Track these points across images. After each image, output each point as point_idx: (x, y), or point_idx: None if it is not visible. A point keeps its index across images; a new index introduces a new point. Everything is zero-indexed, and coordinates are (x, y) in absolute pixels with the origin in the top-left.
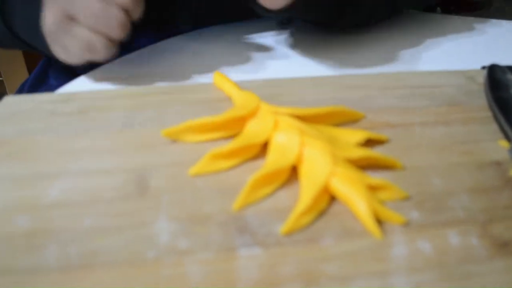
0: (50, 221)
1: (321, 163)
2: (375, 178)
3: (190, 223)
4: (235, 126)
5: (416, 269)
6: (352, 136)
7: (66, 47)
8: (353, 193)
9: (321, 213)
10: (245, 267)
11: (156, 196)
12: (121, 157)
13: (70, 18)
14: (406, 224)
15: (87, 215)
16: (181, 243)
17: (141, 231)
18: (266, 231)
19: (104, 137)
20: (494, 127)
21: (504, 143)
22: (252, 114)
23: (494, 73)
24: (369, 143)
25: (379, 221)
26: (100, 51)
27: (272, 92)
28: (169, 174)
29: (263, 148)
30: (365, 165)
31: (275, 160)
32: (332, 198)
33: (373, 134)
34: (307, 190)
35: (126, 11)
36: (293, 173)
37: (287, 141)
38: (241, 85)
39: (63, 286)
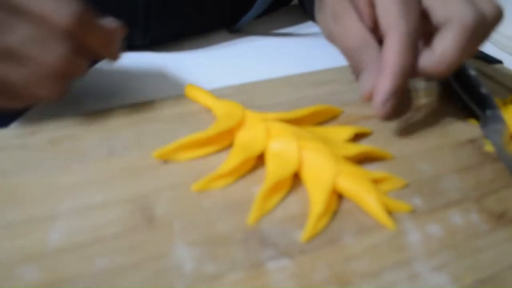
0: (59, 268)
1: (324, 165)
2: (376, 171)
3: (210, 246)
4: (224, 139)
5: (433, 253)
6: (341, 133)
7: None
8: (360, 189)
9: (333, 214)
10: (278, 281)
11: (166, 223)
12: (116, 187)
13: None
14: (412, 211)
15: (98, 256)
16: (207, 268)
17: (162, 262)
18: (287, 241)
19: (89, 168)
20: (456, 107)
21: (473, 121)
22: (240, 124)
23: None
24: (355, 137)
25: (388, 212)
26: (49, 88)
27: (244, 98)
28: (172, 198)
29: (258, 157)
30: (359, 160)
31: (277, 168)
32: (339, 197)
33: (359, 128)
34: (317, 193)
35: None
36: (295, 177)
37: (285, 147)
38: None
39: None
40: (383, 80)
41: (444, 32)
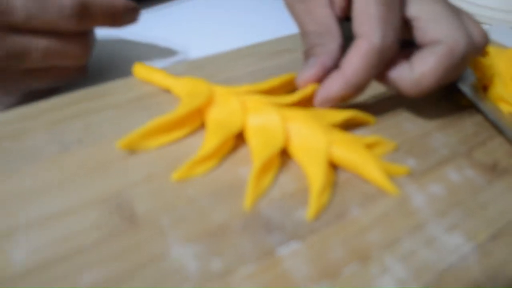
0: None
1: (314, 135)
2: (368, 136)
3: (210, 240)
4: (194, 120)
5: (442, 213)
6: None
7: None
8: (358, 157)
9: (332, 186)
10: (294, 267)
11: (151, 221)
12: (82, 188)
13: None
14: (410, 174)
15: (81, 269)
16: (214, 265)
17: (161, 265)
18: (293, 221)
19: (42, 170)
20: None
21: None
22: (209, 101)
23: None
24: None
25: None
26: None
27: (200, 74)
28: (151, 192)
29: (237, 135)
30: (343, 127)
31: (262, 145)
32: (333, 168)
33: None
34: (312, 166)
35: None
36: (282, 152)
37: (267, 121)
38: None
39: None
40: (333, 82)
41: (428, 53)
